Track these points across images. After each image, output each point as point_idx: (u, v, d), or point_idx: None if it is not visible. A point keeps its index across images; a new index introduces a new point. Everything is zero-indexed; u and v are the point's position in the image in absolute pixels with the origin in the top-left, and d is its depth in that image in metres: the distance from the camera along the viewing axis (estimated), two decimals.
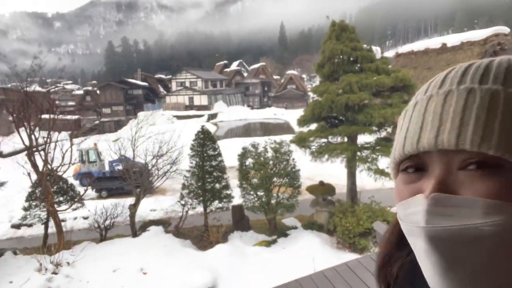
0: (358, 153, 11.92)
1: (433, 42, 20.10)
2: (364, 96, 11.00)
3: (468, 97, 0.43)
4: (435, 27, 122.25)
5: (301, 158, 12.83)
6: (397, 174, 0.52)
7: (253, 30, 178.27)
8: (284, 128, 37.15)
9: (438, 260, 0.41)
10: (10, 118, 12.39)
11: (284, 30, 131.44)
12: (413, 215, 0.44)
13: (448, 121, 0.43)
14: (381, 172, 11.11)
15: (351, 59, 11.83)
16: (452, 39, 18.59)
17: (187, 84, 53.89)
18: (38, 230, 12.84)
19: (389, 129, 12.48)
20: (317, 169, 15.30)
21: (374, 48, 13.95)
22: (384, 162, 11.68)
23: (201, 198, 11.97)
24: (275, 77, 70.36)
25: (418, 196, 0.44)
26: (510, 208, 0.40)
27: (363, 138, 12.51)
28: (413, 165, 0.48)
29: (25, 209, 12.16)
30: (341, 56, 11.70)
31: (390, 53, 43.80)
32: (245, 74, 69.04)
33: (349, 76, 11.36)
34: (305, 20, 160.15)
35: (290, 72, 62.98)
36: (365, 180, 12.79)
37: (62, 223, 11.81)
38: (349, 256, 9.29)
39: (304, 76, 75.75)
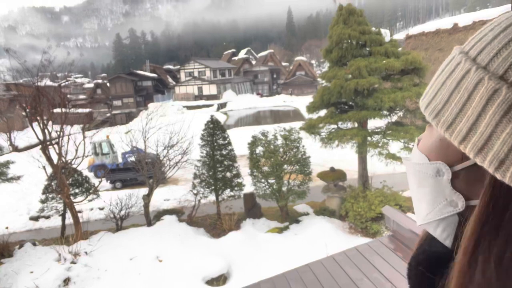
0: (369, 138, 11.85)
1: (445, 23, 19.68)
2: (374, 81, 10.87)
3: None
4: (447, 6, 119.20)
5: (311, 145, 12.83)
6: None
7: (260, 16, 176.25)
8: (294, 115, 37.04)
9: None
10: (24, 113, 12.62)
11: (292, 16, 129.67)
12: None
13: None
14: (392, 157, 11.05)
15: (360, 43, 11.68)
16: (464, 18, 18.18)
17: (196, 74, 53.90)
18: (55, 221, 13.18)
19: (400, 113, 12.34)
20: (328, 155, 15.28)
21: (383, 31, 13.74)
22: (395, 147, 11.60)
23: (213, 187, 12.11)
24: (284, 64, 69.79)
25: None
26: None
27: (374, 123, 12.42)
28: None
29: (42, 201, 12.49)
30: (349, 41, 11.57)
31: (400, 35, 42.94)
32: (254, 62, 68.61)
33: (357, 60, 11.24)
34: (312, 4, 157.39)
35: (299, 58, 62.43)
36: (376, 165, 12.74)
37: (79, 214, 12.10)
38: (361, 241, 9.32)
39: (313, 62, 75.00)
